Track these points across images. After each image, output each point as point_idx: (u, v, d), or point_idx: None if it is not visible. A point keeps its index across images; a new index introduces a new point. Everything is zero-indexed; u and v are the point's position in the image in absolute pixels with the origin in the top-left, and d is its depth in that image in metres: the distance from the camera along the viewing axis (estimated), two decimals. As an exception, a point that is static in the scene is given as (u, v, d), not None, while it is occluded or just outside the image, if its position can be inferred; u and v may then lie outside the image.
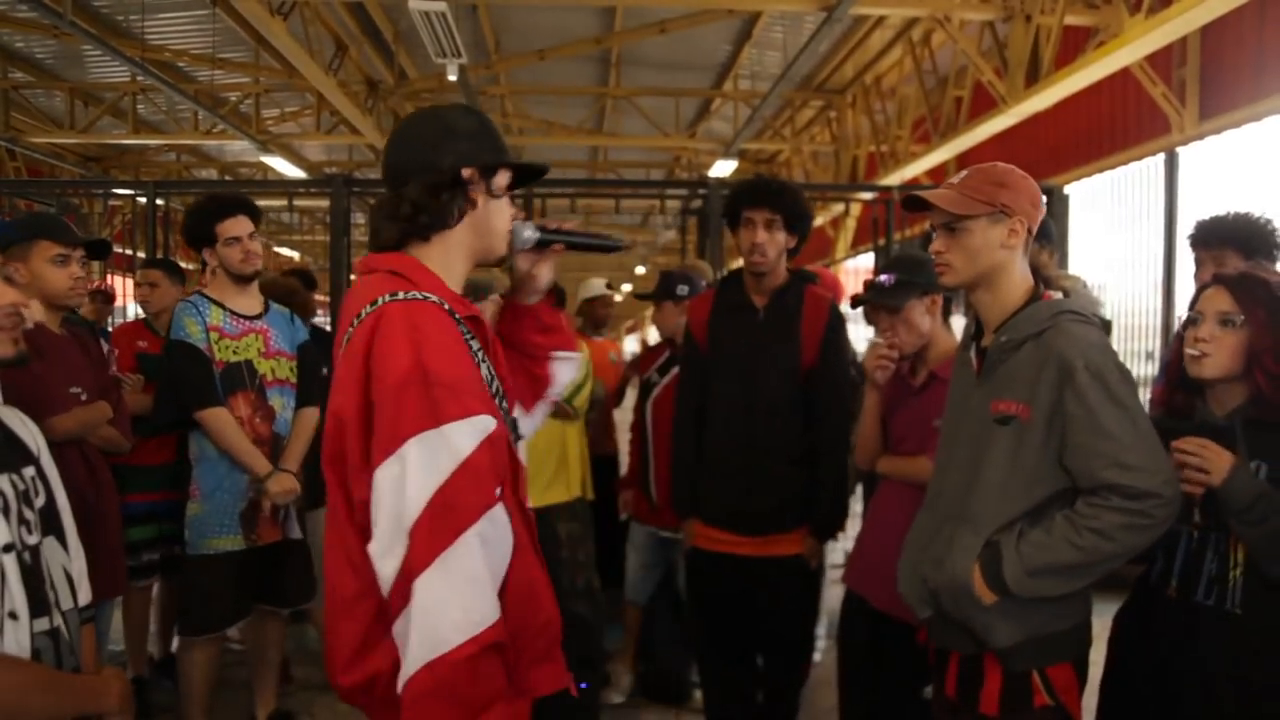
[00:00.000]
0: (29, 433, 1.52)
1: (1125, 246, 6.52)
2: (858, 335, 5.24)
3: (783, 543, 2.74)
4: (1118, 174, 6.70)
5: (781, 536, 2.73)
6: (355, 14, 8.07)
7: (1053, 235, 3.22)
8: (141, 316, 3.76)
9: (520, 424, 1.63)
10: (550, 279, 1.70)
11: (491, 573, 1.33)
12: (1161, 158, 6.13)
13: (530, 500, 2.11)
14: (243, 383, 2.92)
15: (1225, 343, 1.79)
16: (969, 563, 1.78)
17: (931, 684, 2.06)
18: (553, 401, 2.58)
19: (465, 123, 1.49)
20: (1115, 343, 4.92)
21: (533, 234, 1.60)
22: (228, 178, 13.36)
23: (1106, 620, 1.99)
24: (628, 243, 3.90)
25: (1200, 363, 1.82)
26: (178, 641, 2.99)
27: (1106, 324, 1.91)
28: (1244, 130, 5.51)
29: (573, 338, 1.80)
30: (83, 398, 2.68)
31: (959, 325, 2.44)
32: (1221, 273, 1.88)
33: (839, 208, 9.95)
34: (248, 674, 3.40)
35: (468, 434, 1.31)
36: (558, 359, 1.74)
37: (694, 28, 7.84)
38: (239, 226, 2.92)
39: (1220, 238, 2.68)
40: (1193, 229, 2.78)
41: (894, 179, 8.65)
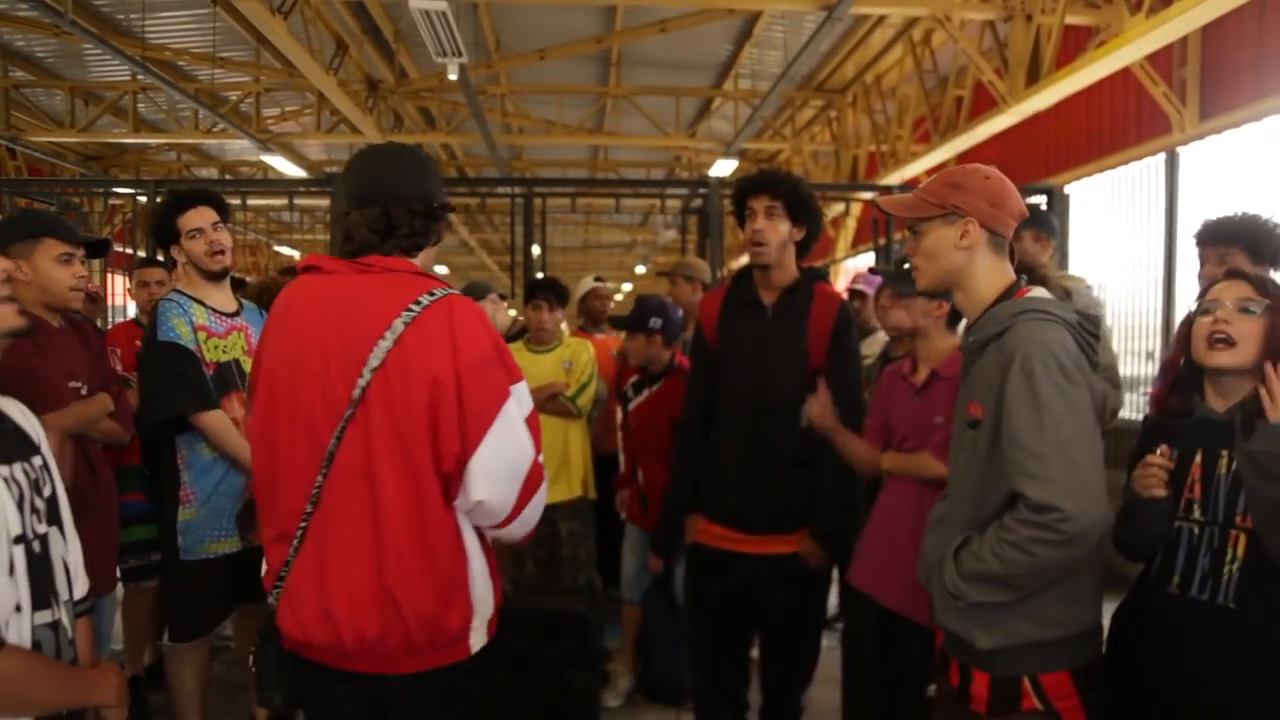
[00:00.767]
0: (30, 424, 1.53)
1: (1126, 246, 6.52)
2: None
3: (786, 543, 2.71)
4: (1118, 174, 6.69)
5: (785, 537, 2.71)
6: (356, 13, 8.07)
7: (1054, 232, 3.21)
8: (133, 316, 3.72)
9: None
10: None
11: None
12: (1162, 157, 6.12)
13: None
14: (234, 383, 2.82)
15: (1246, 329, 1.77)
16: (939, 564, 1.80)
17: (935, 682, 2.05)
18: (558, 400, 2.86)
19: (433, 166, 1.83)
20: (1115, 343, 4.91)
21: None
22: (228, 177, 13.36)
23: (1106, 619, 1.99)
24: None
25: (1219, 350, 1.78)
26: (166, 647, 2.90)
27: (1093, 320, 1.83)
28: (1244, 130, 5.50)
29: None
30: (82, 391, 2.63)
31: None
32: (1236, 268, 1.87)
33: (839, 208, 9.92)
34: (247, 674, 3.39)
35: (525, 389, 1.73)
36: None
37: (694, 27, 7.83)
38: (200, 218, 2.80)
39: (1227, 236, 2.68)
40: (1199, 226, 2.78)
41: (894, 179, 8.64)
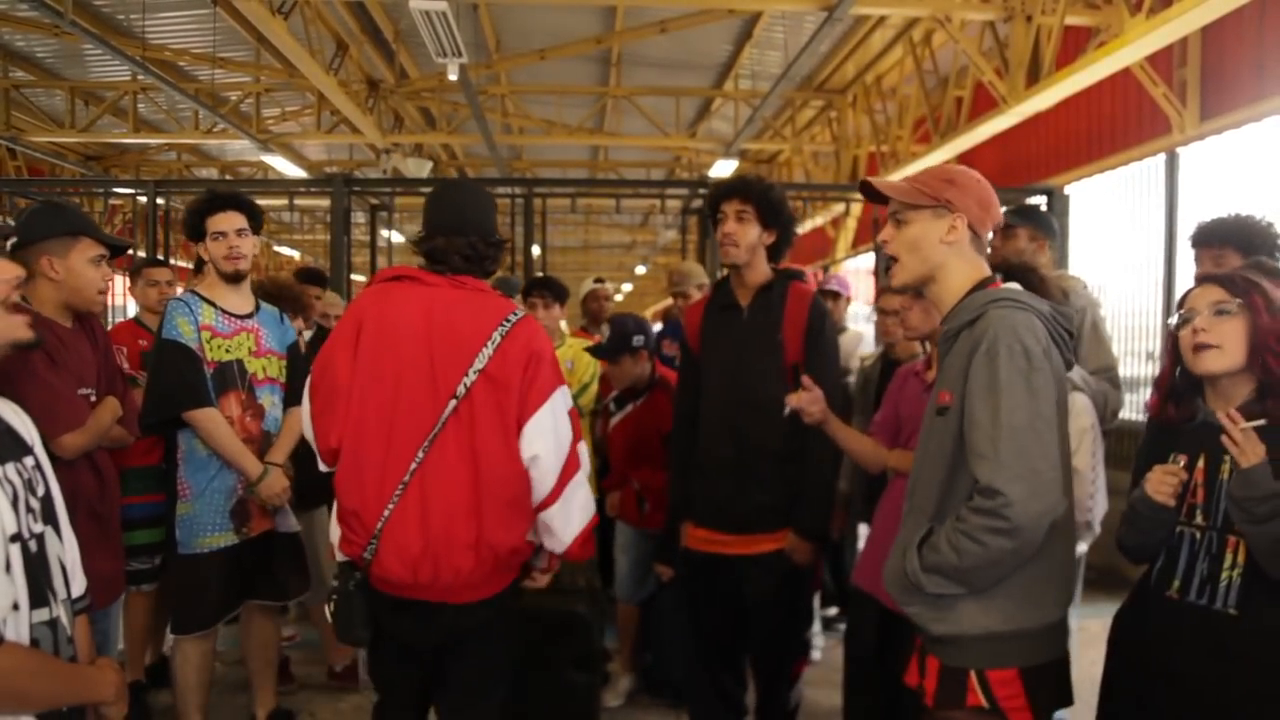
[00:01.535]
0: (22, 423, 1.52)
1: (1126, 247, 6.52)
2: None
3: (771, 541, 2.73)
4: (1118, 174, 6.69)
5: (770, 535, 2.73)
6: (356, 13, 8.07)
7: (1053, 232, 3.21)
8: (134, 315, 3.73)
9: None
10: None
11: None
12: (1162, 158, 6.12)
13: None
14: (234, 382, 2.91)
15: (1227, 332, 1.76)
16: (901, 551, 1.80)
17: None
18: None
19: (494, 201, 2.33)
20: (1115, 343, 4.91)
21: None
22: (228, 177, 13.35)
23: (1106, 620, 1.99)
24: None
25: (1205, 356, 1.77)
26: (171, 641, 2.96)
27: (1067, 315, 1.79)
28: (1244, 130, 5.50)
29: None
30: (92, 398, 2.63)
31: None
32: (1206, 273, 1.88)
33: (839, 208, 9.92)
34: (247, 674, 3.40)
35: (568, 391, 2.19)
36: None
37: (694, 27, 7.83)
38: (226, 222, 2.89)
39: (1221, 237, 2.68)
40: (1194, 229, 2.79)
41: (894, 179, 8.63)
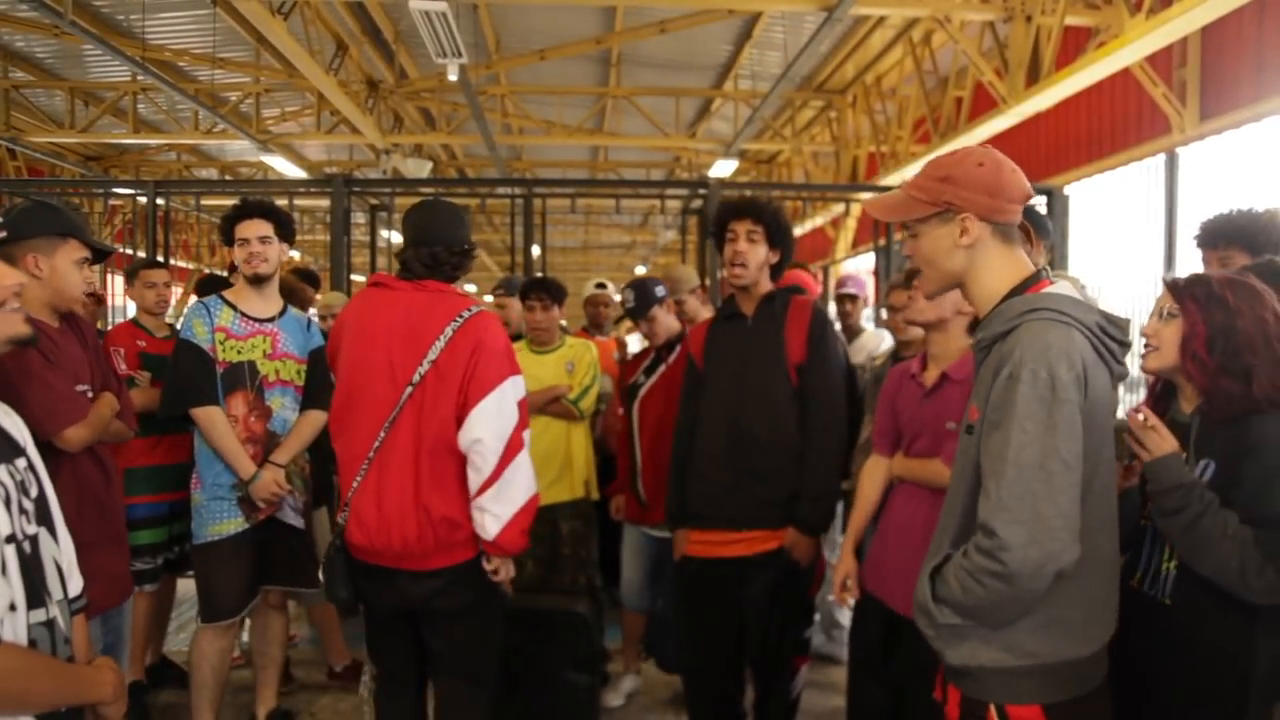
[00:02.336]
0: (14, 424, 1.52)
1: (1125, 247, 6.52)
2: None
3: (771, 539, 2.76)
4: (1118, 174, 6.69)
5: (770, 532, 2.76)
6: (355, 14, 8.07)
7: (1048, 232, 3.19)
8: (132, 316, 3.74)
9: None
10: None
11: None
12: (1162, 158, 6.12)
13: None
14: (242, 382, 3.01)
15: (1166, 334, 1.86)
16: (925, 574, 1.68)
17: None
18: (560, 403, 3.68)
19: (464, 216, 2.56)
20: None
21: None
22: (228, 177, 13.36)
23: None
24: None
25: (1147, 355, 1.88)
26: (194, 633, 3.06)
27: (1121, 324, 1.72)
28: (1244, 130, 5.50)
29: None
30: (89, 395, 2.65)
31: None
32: (1168, 277, 1.92)
33: (839, 208, 9.93)
34: (247, 674, 3.40)
35: (521, 381, 2.41)
36: None
37: (694, 27, 7.84)
38: (251, 229, 3.07)
39: (1226, 237, 2.65)
40: (1198, 229, 2.76)
41: (894, 179, 8.64)
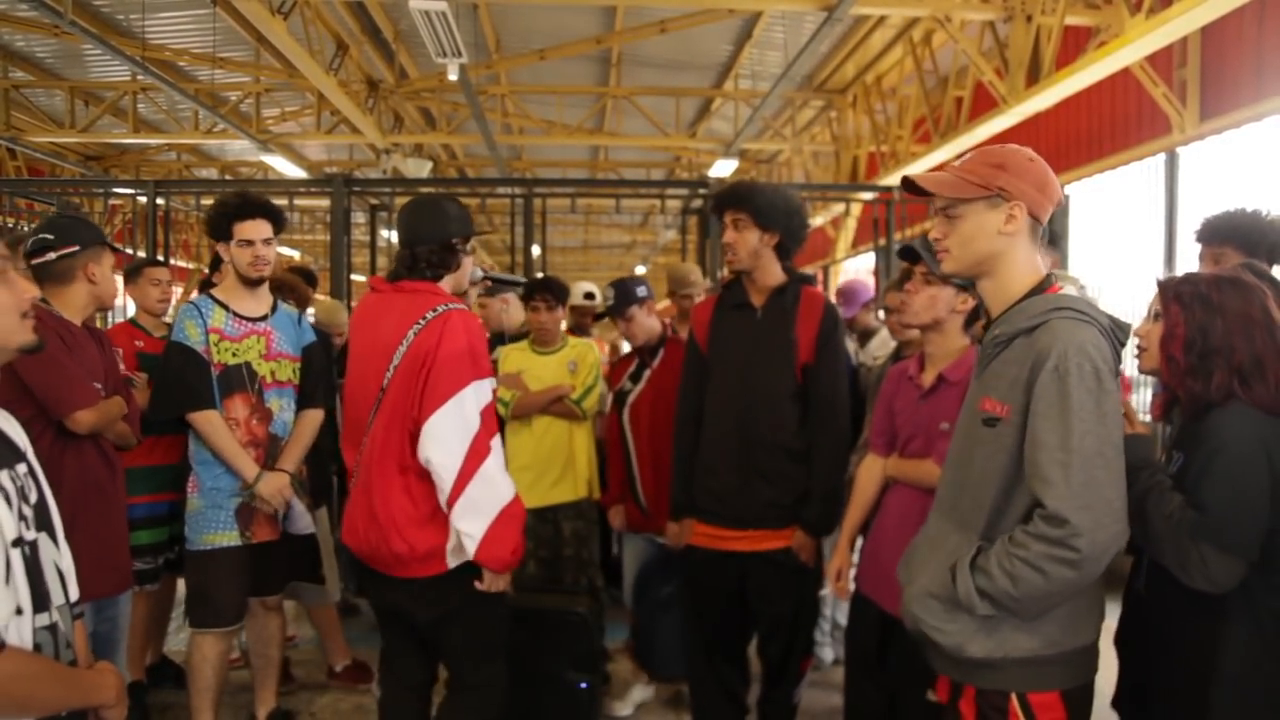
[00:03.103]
0: (14, 429, 1.52)
1: (1125, 247, 6.51)
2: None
3: (778, 538, 2.75)
4: (1118, 174, 6.69)
5: (776, 531, 2.74)
6: (356, 13, 8.07)
7: (1045, 231, 3.19)
8: (130, 316, 3.75)
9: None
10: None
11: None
12: (1162, 158, 6.12)
13: (536, 499, 3.02)
14: (241, 384, 2.93)
15: (1153, 335, 1.88)
16: (946, 565, 1.67)
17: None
18: (563, 403, 3.62)
19: (453, 209, 2.43)
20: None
21: (478, 273, 2.74)
22: (228, 177, 13.36)
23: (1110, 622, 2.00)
24: (521, 279, 4.21)
25: (1140, 355, 1.93)
26: (190, 636, 3.01)
27: (1124, 327, 1.74)
28: (1244, 130, 5.50)
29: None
30: (102, 393, 2.71)
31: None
32: (1160, 278, 1.93)
33: (839, 208, 9.93)
34: (247, 674, 3.40)
35: (489, 385, 2.30)
36: None
37: (694, 27, 7.83)
38: (255, 230, 2.93)
39: (1222, 235, 2.66)
40: (1199, 224, 2.77)
41: (894, 179, 8.64)
